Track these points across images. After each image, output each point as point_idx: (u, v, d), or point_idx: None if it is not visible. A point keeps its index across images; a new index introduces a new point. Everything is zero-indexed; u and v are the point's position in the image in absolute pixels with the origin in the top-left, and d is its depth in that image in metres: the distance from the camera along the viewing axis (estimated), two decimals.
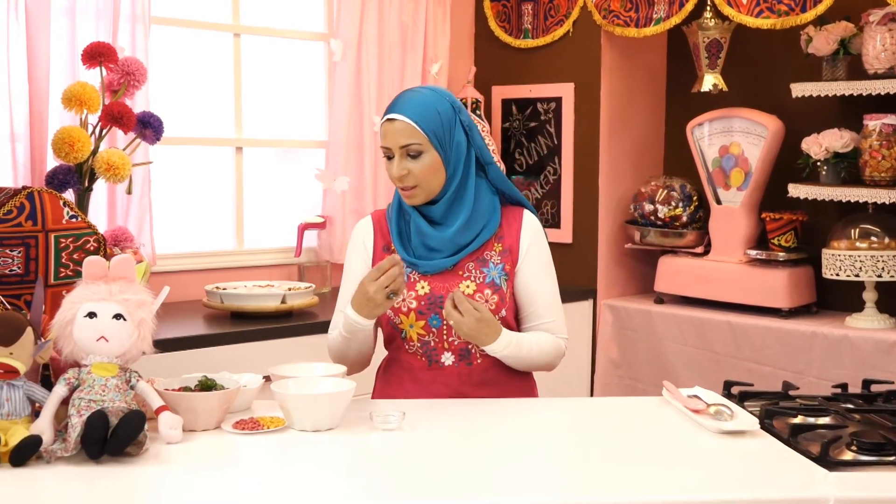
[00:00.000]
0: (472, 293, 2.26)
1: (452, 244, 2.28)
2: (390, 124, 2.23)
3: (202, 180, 3.98)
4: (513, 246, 2.33)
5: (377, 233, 2.38)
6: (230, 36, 3.97)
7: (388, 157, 2.26)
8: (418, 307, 2.27)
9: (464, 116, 2.29)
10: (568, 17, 4.27)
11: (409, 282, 2.28)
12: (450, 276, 2.28)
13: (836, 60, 3.67)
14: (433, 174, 2.24)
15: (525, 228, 2.34)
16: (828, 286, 3.85)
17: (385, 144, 2.25)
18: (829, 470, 1.80)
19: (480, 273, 2.29)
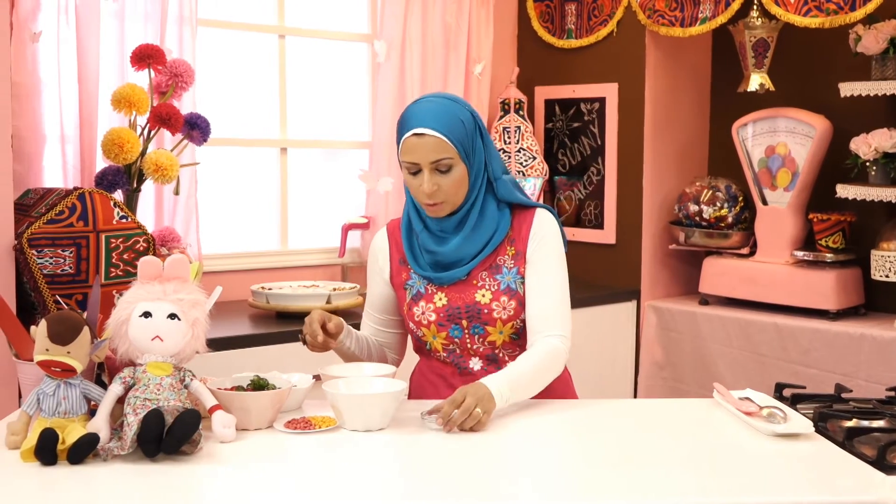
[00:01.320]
0: (488, 302, 2.23)
1: (460, 254, 2.24)
2: (419, 139, 2.14)
3: (247, 181, 4.02)
4: (523, 248, 2.27)
5: (392, 245, 2.36)
6: (275, 37, 4.00)
7: (414, 173, 2.18)
8: (437, 319, 2.26)
9: (481, 124, 2.25)
10: (612, 17, 4.25)
11: (426, 294, 2.28)
12: (465, 286, 2.25)
13: (885, 59, 3.62)
14: (460, 187, 2.19)
15: (534, 228, 2.27)
16: (877, 288, 3.80)
17: (412, 160, 2.16)
18: (886, 474, 1.78)
19: (494, 281, 2.25)
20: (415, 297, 2.29)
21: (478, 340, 2.25)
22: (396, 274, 2.32)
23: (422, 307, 2.26)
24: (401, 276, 2.32)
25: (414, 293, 2.30)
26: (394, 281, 2.34)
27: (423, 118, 2.15)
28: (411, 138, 2.15)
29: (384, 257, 2.36)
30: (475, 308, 2.23)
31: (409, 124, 2.17)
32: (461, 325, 2.25)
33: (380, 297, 2.39)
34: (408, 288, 2.31)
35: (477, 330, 2.25)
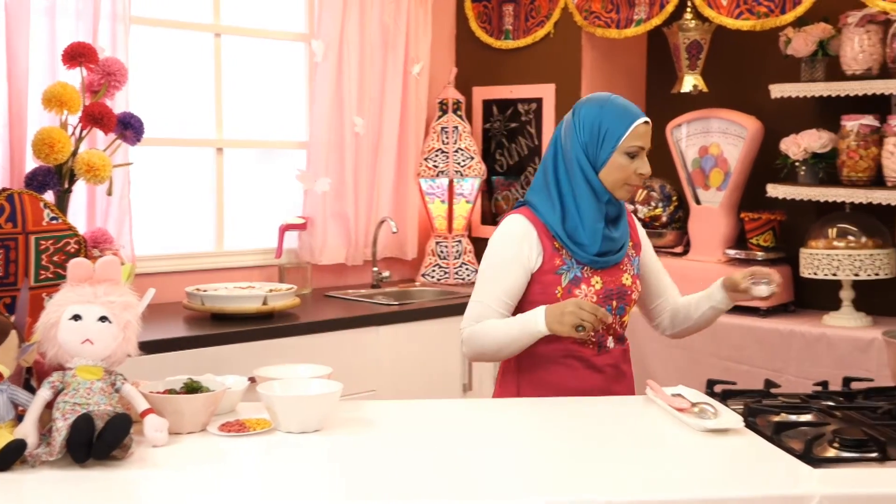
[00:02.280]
0: (631, 283, 2.47)
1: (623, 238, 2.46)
2: (647, 127, 2.42)
3: (182, 181, 3.97)
4: (634, 238, 2.54)
5: (541, 234, 2.41)
6: (211, 36, 3.96)
7: (631, 156, 2.39)
8: (597, 301, 2.40)
9: None
10: (549, 18, 4.28)
11: (584, 278, 2.40)
12: (615, 269, 2.44)
13: (814, 62, 3.70)
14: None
15: (637, 227, 2.59)
16: (806, 285, 3.88)
17: (642, 144, 2.40)
18: (813, 467, 1.82)
19: (631, 265, 2.49)
20: (573, 280, 2.40)
21: (618, 320, 2.46)
22: (549, 260, 2.40)
23: (583, 290, 2.39)
24: (554, 261, 2.40)
25: (571, 277, 2.40)
26: (544, 267, 2.40)
27: (640, 111, 2.45)
28: (642, 126, 2.40)
29: (534, 244, 2.41)
30: (622, 290, 2.45)
31: (635, 113, 2.42)
32: (612, 305, 2.43)
33: (515, 285, 2.41)
34: (562, 273, 2.40)
35: (620, 310, 2.46)
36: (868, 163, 3.58)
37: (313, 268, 4.20)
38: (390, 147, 4.31)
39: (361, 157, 4.22)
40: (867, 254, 3.57)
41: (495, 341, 2.36)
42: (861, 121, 3.56)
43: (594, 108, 2.42)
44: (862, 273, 3.56)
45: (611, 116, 2.40)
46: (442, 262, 4.45)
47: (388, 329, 3.73)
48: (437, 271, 4.44)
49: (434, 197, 4.45)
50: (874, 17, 3.51)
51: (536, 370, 2.44)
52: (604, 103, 2.43)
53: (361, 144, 4.21)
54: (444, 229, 4.47)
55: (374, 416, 2.17)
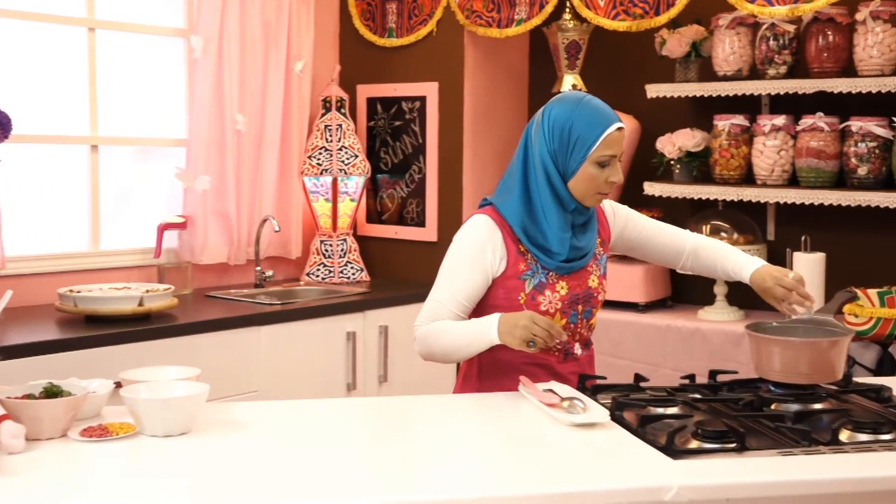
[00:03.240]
0: (597, 286, 2.43)
1: (589, 244, 2.40)
2: (620, 133, 2.31)
3: (56, 180, 3.85)
4: (605, 235, 2.48)
5: (506, 236, 2.35)
6: (84, 30, 3.85)
7: (602, 165, 2.29)
8: (562, 307, 2.36)
9: None
10: (431, 16, 4.29)
11: (548, 283, 2.35)
12: (580, 273, 2.40)
13: (688, 62, 3.80)
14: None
15: (608, 214, 2.50)
16: (682, 281, 3.98)
17: (614, 152, 2.30)
18: (673, 458, 1.86)
19: (598, 267, 2.45)
20: (537, 287, 2.34)
21: (585, 324, 2.43)
22: (513, 265, 2.33)
23: (548, 297, 2.34)
24: (518, 266, 2.34)
25: (535, 283, 2.34)
26: (508, 271, 2.33)
27: (614, 115, 2.32)
28: (615, 133, 2.29)
29: (498, 247, 2.33)
30: (588, 293, 2.41)
31: (608, 119, 2.29)
32: (577, 310, 2.39)
33: (473, 288, 2.33)
34: (526, 278, 2.34)
35: (586, 314, 2.42)
36: (739, 161, 3.69)
37: (195, 268, 4.13)
38: (273, 145, 4.26)
39: (243, 154, 4.16)
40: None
41: (447, 345, 2.30)
42: (732, 120, 3.67)
43: (565, 112, 2.29)
44: None
45: (582, 122, 2.28)
46: (327, 261, 4.42)
47: (270, 329, 3.68)
48: (321, 270, 4.41)
49: (318, 195, 4.42)
50: (744, 19, 3.63)
51: (497, 376, 2.38)
52: (575, 106, 2.30)
53: (243, 142, 4.15)
54: (328, 228, 4.44)
55: (244, 418, 2.14)
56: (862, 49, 3.41)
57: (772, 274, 2.45)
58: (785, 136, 3.59)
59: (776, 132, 3.59)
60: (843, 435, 2.01)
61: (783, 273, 2.45)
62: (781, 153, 3.60)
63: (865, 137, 3.41)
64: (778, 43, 3.56)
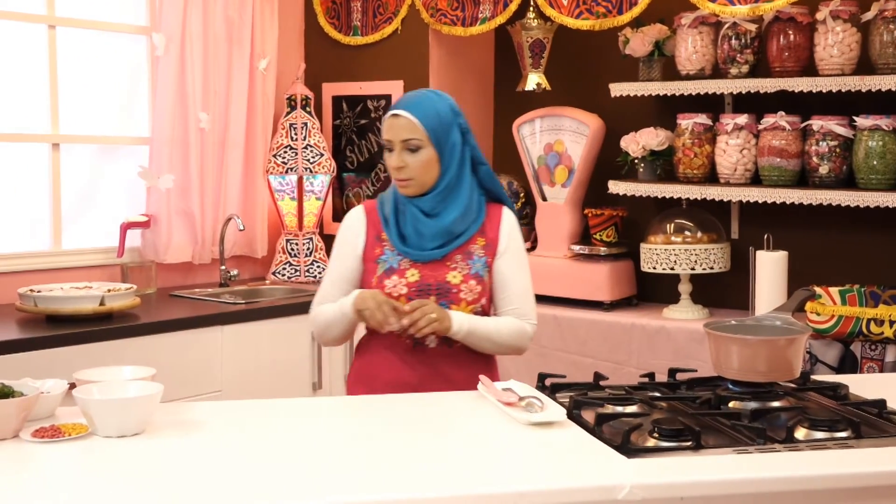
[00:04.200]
0: (458, 282, 2.44)
1: (444, 235, 2.44)
2: (395, 119, 2.41)
3: (16, 178, 3.81)
4: (494, 240, 2.50)
5: (369, 222, 2.51)
6: (44, 27, 3.81)
7: (389, 150, 2.43)
8: (408, 293, 2.43)
9: (461, 120, 2.48)
10: (396, 14, 4.28)
11: (398, 269, 2.45)
12: (438, 265, 2.45)
13: (651, 61, 3.81)
14: (428, 169, 2.42)
15: (504, 224, 2.53)
16: (647, 279, 3.99)
17: (388, 137, 2.43)
18: (628, 457, 1.86)
19: (466, 265, 2.46)
20: (387, 271, 2.45)
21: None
22: (370, 249, 2.48)
23: (394, 280, 2.43)
24: (374, 251, 2.48)
25: (386, 267, 2.45)
26: (366, 255, 2.49)
27: (404, 103, 2.44)
28: (390, 118, 2.43)
29: (360, 232, 2.50)
30: (445, 287, 2.44)
31: (392, 108, 2.45)
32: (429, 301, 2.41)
33: (349, 270, 2.51)
34: (380, 262, 2.46)
35: (442, 307, 2.41)
36: (702, 160, 3.71)
37: (159, 267, 4.10)
38: (237, 143, 4.24)
39: (207, 153, 4.13)
40: (702, 248, 3.69)
41: (322, 322, 2.49)
42: (695, 119, 3.69)
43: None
44: (697, 267, 3.69)
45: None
46: (293, 260, 4.40)
47: (234, 328, 3.66)
48: (287, 269, 4.40)
49: (284, 194, 4.40)
50: (706, 18, 3.64)
51: (361, 361, 2.55)
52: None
53: (207, 140, 4.13)
54: (294, 227, 4.42)
55: (202, 418, 2.12)
56: (822, 48, 3.43)
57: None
58: (747, 135, 3.61)
59: (739, 131, 3.61)
60: (799, 433, 2.02)
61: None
62: (744, 152, 3.61)
63: (826, 136, 3.43)
64: (740, 42, 3.58)
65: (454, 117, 2.46)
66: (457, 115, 2.47)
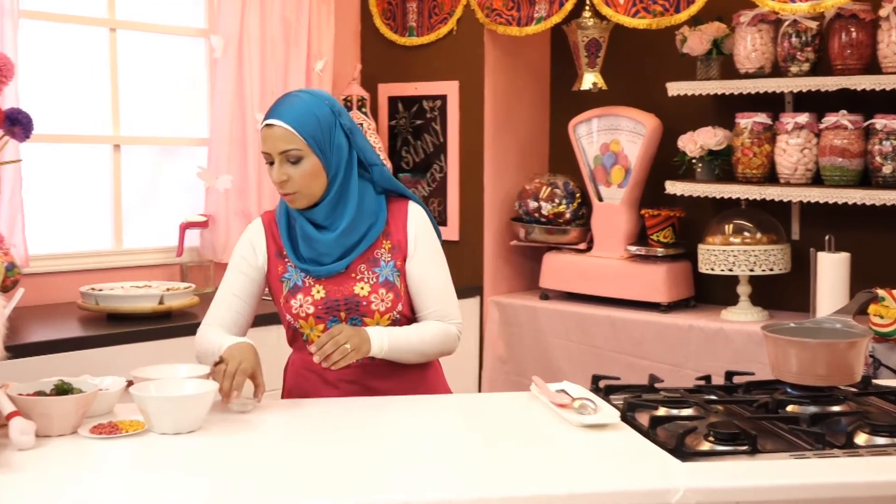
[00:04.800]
0: (367, 294, 2.29)
1: (339, 246, 2.28)
2: (269, 130, 2.22)
3: (79, 179, 3.88)
4: (401, 241, 2.34)
5: (269, 237, 2.37)
6: (106, 31, 3.87)
7: (270, 163, 2.25)
8: (316, 312, 2.29)
9: (344, 119, 2.28)
10: (452, 15, 4.28)
11: (304, 287, 2.30)
12: (343, 278, 2.29)
13: (709, 60, 3.76)
14: (313, 179, 2.24)
15: (410, 221, 2.35)
16: (706, 281, 3.94)
17: (265, 150, 2.24)
18: (682, 461, 1.84)
19: (373, 273, 2.30)
20: (292, 289, 2.30)
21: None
22: (273, 267, 2.33)
23: (300, 300, 2.29)
24: (277, 268, 2.33)
25: (291, 286, 2.31)
26: (270, 273, 2.34)
27: (277, 111, 2.24)
28: (264, 129, 2.25)
29: (260, 248, 2.36)
30: (354, 300, 2.28)
31: (265, 116, 2.26)
32: (339, 317, 2.28)
33: (244, 289, 2.36)
34: (284, 281, 2.32)
35: (355, 322, 2.28)
36: (762, 160, 3.65)
37: (217, 266, 4.14)
38: None
39: None
40: (762, 249, 3.64)
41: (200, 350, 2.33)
42: (754, 118, 3.63)
43: None
44: (757, 268, 3.63)
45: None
46: None
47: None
48: None
49: None
50: (765, 16, 3.58)
51: (288, 382, 2.42)
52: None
53: None
54: None
55: (256, 416, 2.14)
56: (886, 45, 3.36)
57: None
58: (808, 135, 3.54)
59: (799, 130, 3.54)
60: (860, 438, 1.98)
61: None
62: (805, 151, 3.55)
63: (890, 135, 3.36)
64: (800, 40, 3.52)
65: (335, 118, 2.25)
66: (338, 115, 2.26)
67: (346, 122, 2.28)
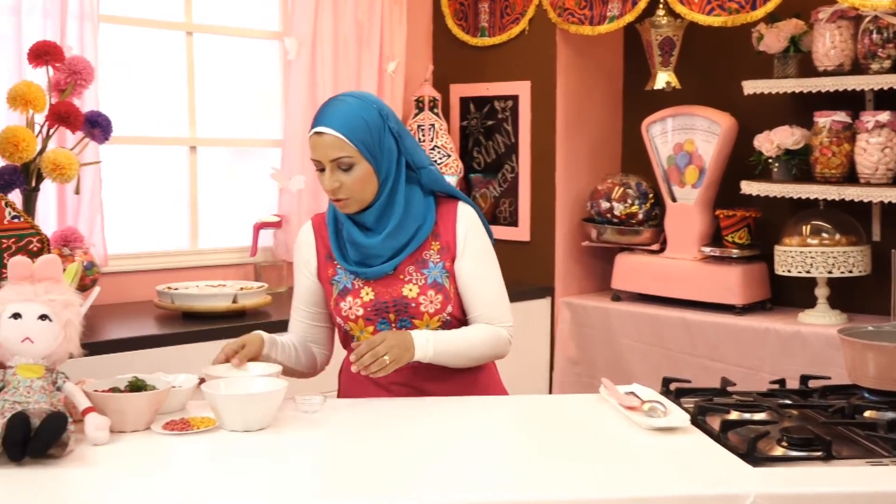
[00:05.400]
0: (415, 295, 2.27)
1: (387, 248, 2.28)
2: (319, 138, 2.20)
3: (156, 180, 3.96)
4: (450, 242, 2.32)
5: (318, 240, 2.39)
6: (182, 34, 3.95)
7: (320, 170, 2.24)
8: (365, 314, 2.29)
9: (392, 122, 2.27)
10: (524, 15, 4.27)
11: (353, 289, 2.30)
12: (391, 280, 2.29)
13: (786, 58, 3.69)
14: (366, 185, 2.23)
15: (460, 221, 2.32)
16: (782, 283, 3.86)
17: (315, 157, 2.22)
18: (754, 466, 1.80)
19: (421, 275, 2.29)
20: (341, 292, 2.31)
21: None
22: (323, 269, 2.35)
23: (349, 302, 2.29)
24: (327, 271, 2.34)
25: (340, 288, 2.31)
26: (321, 276, 2.36)
27: (325, 117, 2.21)
28: (313, 136, 2.22)
29: (310, 251, 2.38)
30: (402, 302, 2.27)
31: (313, 123, 2.24)
32: (388, 318, 2.28)
33: (307, 291, 2.41)
34: (334, 283, 2.33)
35: (404, 324, 2.28)
36: (841, 159, 3.56)
37: (288, 266, 4.18)
38: None
39: None
40: (840, 251, 3.55)
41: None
42: (833, 117, 3.55)
43: None
44: (835, 270, 3.55)
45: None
46: None
47: None
48: None
49: None
50: (845, 12, 3.50)
51: (342, 386, 2.47)
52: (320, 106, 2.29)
53: None
54: None
55: (326, 415, 2.16)
56: None
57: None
58: (889, 133, 3.45)
59: (880, 129, 3.45)
60: None
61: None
62: (886, 150, 3.46)
63: None
64: (881, 36, 3.42)
65: (383, 122, 2.24)
66: (386, 119, 2.25)
67: (394, 125, 2.27)
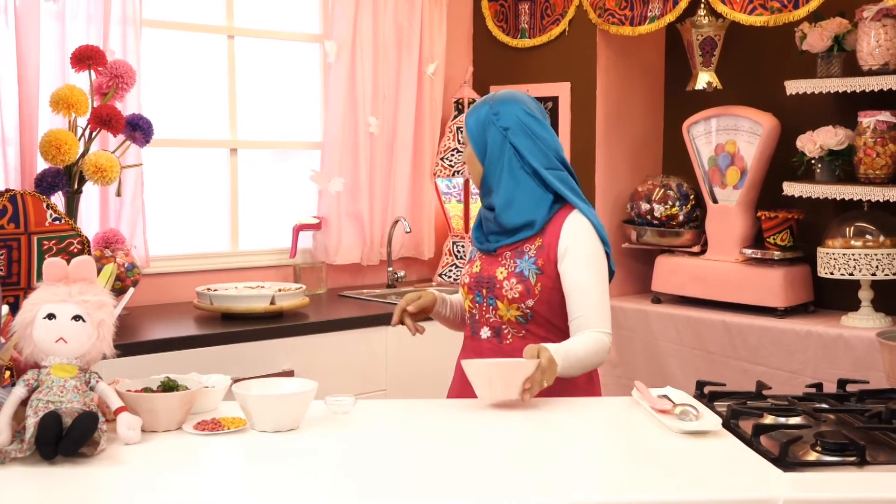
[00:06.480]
0: (502, 279, 2.45)
1: (498, 226, 2.48)
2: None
3: (197, 182, 4.00)
4: (551, 244, 2.44)
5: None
6: (224, 38, 3.99)
7: None
8: (469, 283, 2.54)
9: (503, 121, 2.48)
10: (564, 16, 4.25)
11: (472, 259, 2.58)
12: (493, 259, 2.50)
13: (830, 57, 3.63)
14: (471, 164, 2.56)
15: (566, 228, 2.44)
16: (825, 285, 3.80)
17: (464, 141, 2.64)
18: (784, 470, 1.78)
19: (513, 262, 2.46)
20: (469, 260, 2.61)
21: (490, 311, 2.48)
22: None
23: (466, 270, 2.58)
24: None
25: (469, 257, 2.62)
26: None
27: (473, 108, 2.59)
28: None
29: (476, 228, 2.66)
30: (492, 282, 2.47)
31: None
32: (482, 293, 2.49)
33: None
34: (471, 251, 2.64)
35: (490, 301, 2.48)
36: (885, 160, 3.50)
37: (330, 268, 4.21)
38: (405, 147, 4.31)
39: (376, 156, 4.22)
40: (885, 253, 3.48)
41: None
42: (878, 117, 3.49)
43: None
44: (879, 273, 3.48)
45: None
46: (459, 262, 4.43)
47: (399, 329, 3.70)
48: (454, 271, 4.43)
49: (450, 196, 4.44)
50: (890, 11, 3.43)
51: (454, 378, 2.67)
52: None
53: (376, 144, 4.22)
54: (460, 229, 4.46)
55: (357, 416, 2.16)
56: None
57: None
58: None
59: None
60: None
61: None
62: None
63: None
64: None
65: (490, 117, 2.50)
66: (495, 116, 2.49)
67: (503, 123, 2.48)
